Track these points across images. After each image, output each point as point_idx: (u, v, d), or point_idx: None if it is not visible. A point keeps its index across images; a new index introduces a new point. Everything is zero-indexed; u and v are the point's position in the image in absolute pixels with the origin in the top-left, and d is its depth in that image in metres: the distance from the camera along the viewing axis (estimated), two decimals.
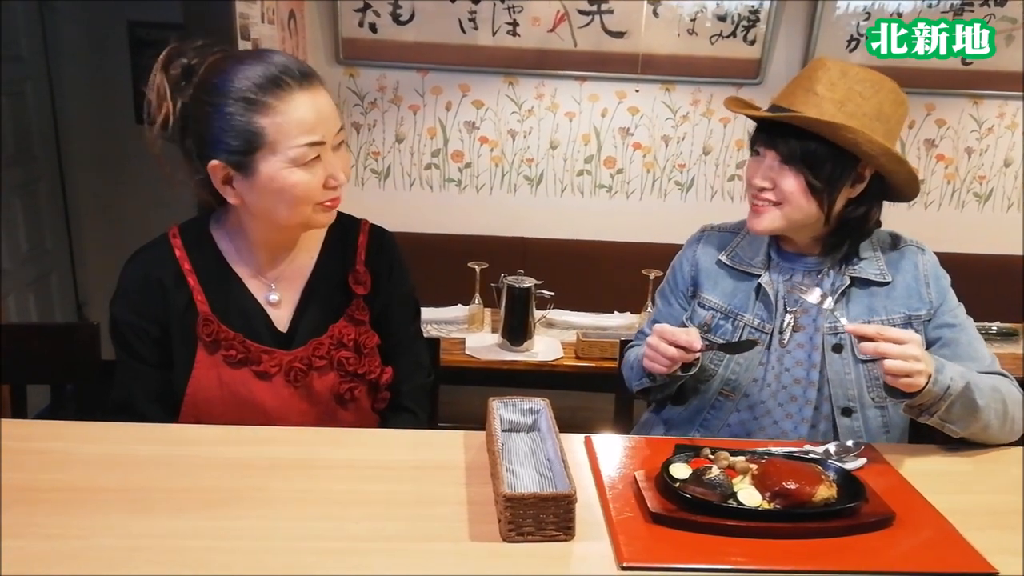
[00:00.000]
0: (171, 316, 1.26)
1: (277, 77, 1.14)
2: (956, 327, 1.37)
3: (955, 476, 1.21)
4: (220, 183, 1.19)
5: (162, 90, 1.17)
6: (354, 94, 3.03)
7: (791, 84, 1.33)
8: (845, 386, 1.36)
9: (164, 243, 1.29)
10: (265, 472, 1.11)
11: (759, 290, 1.41)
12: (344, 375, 1.31)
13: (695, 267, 1.49)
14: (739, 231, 1.49)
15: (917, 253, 1.42)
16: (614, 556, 0.95)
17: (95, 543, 0.93)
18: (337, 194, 1.22)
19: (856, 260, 1.38)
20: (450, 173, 3.15)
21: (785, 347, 1.39)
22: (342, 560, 0.92)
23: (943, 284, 1.40)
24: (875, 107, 1.26)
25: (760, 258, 1.43)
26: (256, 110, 1.13)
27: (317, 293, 1.32)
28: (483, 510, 1.03)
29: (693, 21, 2.93)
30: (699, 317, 1.46)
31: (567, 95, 3.06)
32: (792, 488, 1.02)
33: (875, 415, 1.37)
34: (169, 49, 1.19)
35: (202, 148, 1.18)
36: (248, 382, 1.27)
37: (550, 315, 2.48)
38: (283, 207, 1.18)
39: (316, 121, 1.15)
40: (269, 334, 1.29)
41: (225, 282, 1.29)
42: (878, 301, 1.37)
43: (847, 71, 1.27)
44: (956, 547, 0.99)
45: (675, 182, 3.20)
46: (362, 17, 2.90)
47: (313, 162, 1.16)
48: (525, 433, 1.24)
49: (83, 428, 1.23)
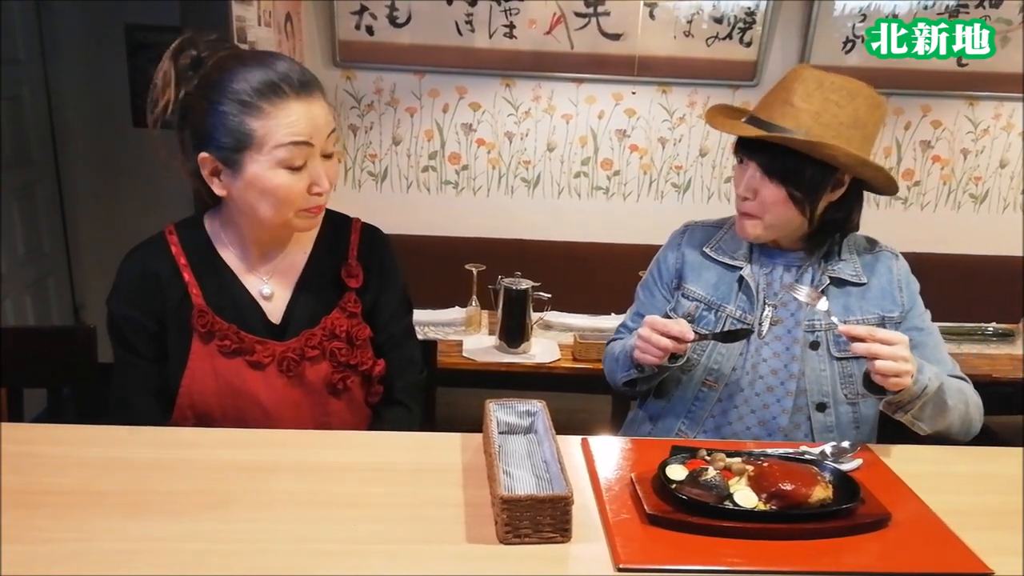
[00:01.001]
0: (167, 309, 1.29)
1: (275, 84, 1.16)
2: (924, 331, 1.43)
3: (951, 477, 1.21)
4: (208, 174, 1.22)
5: (168, 77, 1.21)
6: (351, 96, 3.03)
7: (769, 95, 1.37)
8: (820, 382, 1.40)
9: (160, 239, 1.32)
10: (263, 474, 1.11)
11: (741, 282, 1.45)
12: (337, 365, 1.33)
13: (681, 259, 1.53)
14: (722, 226, 1.53)
15: (892, 258, 1.47)
16: (611, 558, 0.95)
17: (93, 546, 0.93)
18: (321, 201, 1.24)
19: (836, 260, 1.43)
20: (447, 175, 3.15)
21: (763, 339, 1.42)
22: (339, 562, 0.92)
23: (913, 289, 1.46)
24: (851, 115, 1.29)
25: (743, 251, 1.48)
26: (249, 112, 1.16)
27: (310, 287, 1.35)
28: (480, 512, 1.03)
29: (689, 23, 2.93)
30: (683, 308, 1.49)
31: (564, 97, 3.06)
32: (788, 489, 1.02)
33: (847, 411, 1.41)
34: (182, 39, 1.23)
35: (195, 139, 1.21)
36: (242, 372, 1.29)
37: (547, 317, 2.49)
38: (265, 207, 1.21)
39: (306, 127, 1.18)
40: (263, 326, 1.32)
41: (219, 276, 1.31)
42: (853, 301, 1.42)
43: (823, 81, 1.30)
44: (952, 548, 0.99)
45: (672, 184, 3.20)
46: (358, 19, 2.90)
47: (299, 167, 1.19)
48: (522, 435, 1.24)
49: (81, 431, 1.23)
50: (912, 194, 3.24)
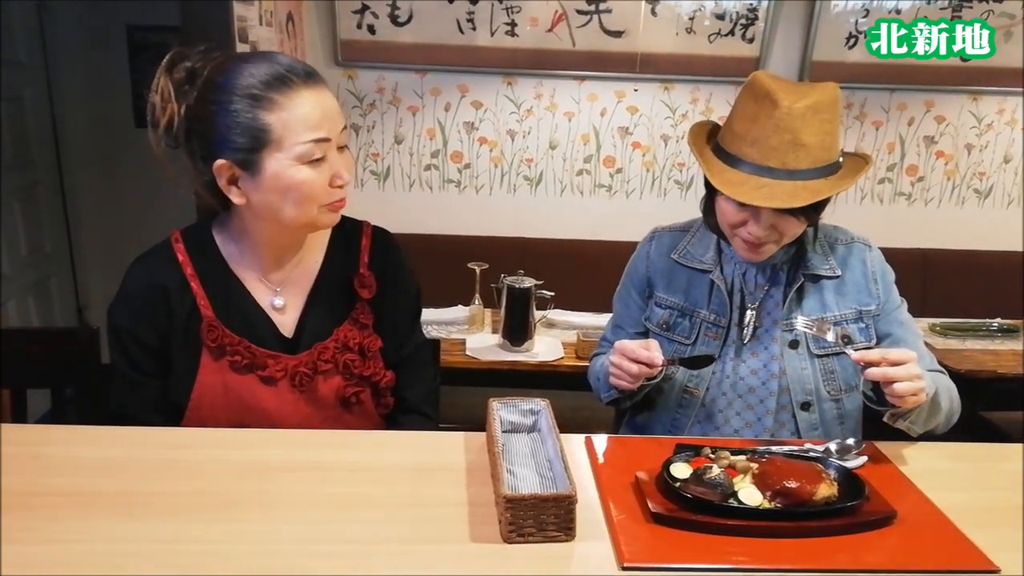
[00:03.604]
0: (174, 322, 1.25)
1: (282, 75, 1.14)
2: (904, 326, 1.43)
3: (956, 473, 1.21)
4: (226, 183, 1.18)
5: (166, 93, 1.17)
6: (353, 96, 3.03)
7: (771, 137, 1.24)
8: (803, 381, 1.40)
9: (167, 248, 1.28)
10: (265, 475, 1.11)
11: (712, 285, 1.44)
12: (350, 378, 1.31)
13: (649, 267, 1.52)
14: (689, 229, 1.52)
15: (864, 250, 1.46)
16: (615, 556, 0.95)
17: (94, 547, 0.93)
18: (343, 194, 1.21)
19: (807, 256, 1.41)
20: (449, 174, 3.15)
21: (746, 343, 1.42)
22: (343, 562, 0.92)
23: (889, 280, 1.45)
24: (836, 118, 1.27)
25: (710, 254, 1.46)
26: (262, 106, 1.13)
27: (322, 297, 1.32)
28: (484, 511, 1.03)
29: (692, 20, 2.92)
30: (657, 316, 1.49)
31: (566, 95, 3.06)
32: (793, 487, 1.02)
33: (831, 407, 1.41)
34: (172, 53, 1.19)
35: (207, 148, 1.17)
36: (253, 387, 1.26)
37: (550, 315, 2.48)
38: (289, 206, 1.18)
39: (322, 118, 1.15)
40: (274, 339, 1.29)
41: (228, 287, 1.28)
42: (829, 296, 1.41)
43: (814, 107, 1.23)
44: (958, 545, 0.99)
45: (675, 181, 3.20)
46: (360, 19, 2.90)
47: (319, 161, 1.16)
48: (525, 434, 1.24)
49: (83, 432, 1.23)
50: (916, 190, 3.23)
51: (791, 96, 1.24)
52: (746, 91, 1.30)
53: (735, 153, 1.28)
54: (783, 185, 1.24)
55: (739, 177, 1.27)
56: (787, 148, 1.24)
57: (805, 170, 1.25)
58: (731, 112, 1.33)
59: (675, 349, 1.44)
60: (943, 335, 2.55)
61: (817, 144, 1.24)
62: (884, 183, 3.22)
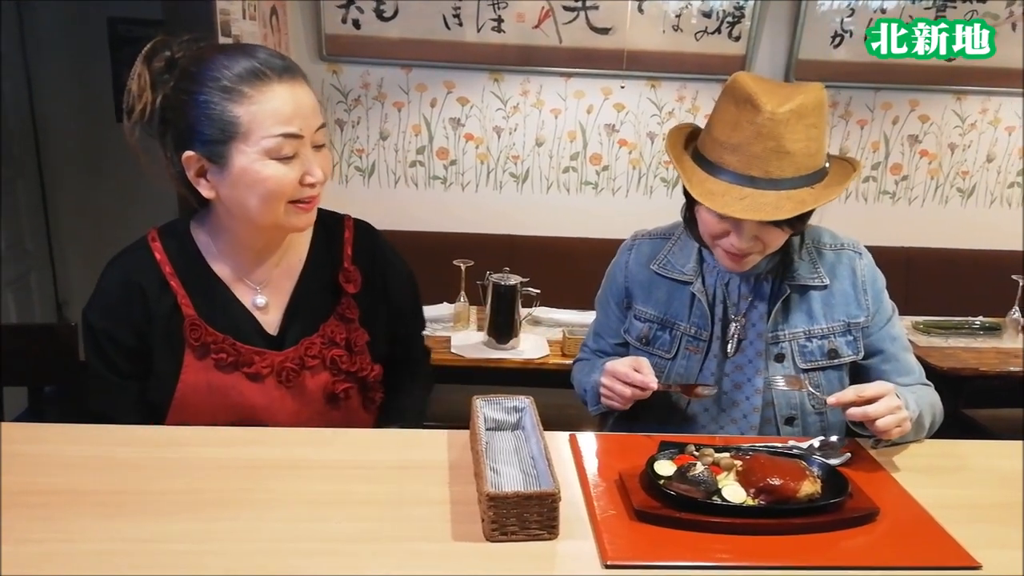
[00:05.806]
0: (153, 323, 1.23)
1: (256, 68, 1.12)
2: (896, 340, 1.39)
3: (938, 471, 1.21)
4: (194, 175, 1.16)
5: (143, 81, 1.15)
6: (337, 91, 3.01)
7: (753, 144, 1.18)
8: (788, 396, 1.37)
9: (143, 247, 1.25)
10: (248, 473, 1.10)
11: (693, 298, 1.39)
12: (337, 373, 1.30)
13: (628, 278, 1.47)
14: (670, 236, 1.46)
15: (855, 258, 1.40)
16: (598, 554, 0.94)
17: (76, 547, 0.92)
18: (314, 193, 1.18)
19: (793, 265, 1.36)
20: (435, 170, 3.14)
21: (729, 357, 1.38)
22: (325, 561, 0.91)
23: (879, 287, 1.39)
24: (822, 122, 1.22)
25: (691, 264, 1.40)
26: (232, 99, 1.11)
27: (305, 295, 1.30)
28: (466, 509, 1.02)
29: (678, 17, 2.93)
30: (636, 330, 1.44)
31: (552, 92, 3.05)
32: (776, 484, 1.02)
33: (815, 420, 1.38)
34: (155, 41, 1.17)
35: (178, 139, 1.16)
36: (239, 385, 1.25)
37: (536, 313, 2.48)
38: (256, 201, 1.15)
39: (293, 114, 1.13)
40: (258, 336, 1.27)
41: (209, 285, 1.26)
42: (816, 307, 1.36)
43: (799, 111, 1.17)
44: (940, 542, 0.99)
45: (661, 179, 3.20)
46: (345, 13, 2.88)
47: (290, 158, 1.14)
48: (509, 431, 1.23)
49: (63, 430, 1.21)
50: (900, 188, 3.25)
51: (774, 100, 1.17)
52: (727, 94, 1.23)
53: (715, 161, 1.22)
54: (766, 195, 1.18)
55: (720, 187, 1.21)
56: (770, 156, 1.18)
57: (789, 179, 1.19)
58: (711, 116, 1.26)
59: (655, 363, 1.37)
60: (926, 333, 2.57)
61: (802, 151, 1.18)
62: (868, 182, 3.24)
